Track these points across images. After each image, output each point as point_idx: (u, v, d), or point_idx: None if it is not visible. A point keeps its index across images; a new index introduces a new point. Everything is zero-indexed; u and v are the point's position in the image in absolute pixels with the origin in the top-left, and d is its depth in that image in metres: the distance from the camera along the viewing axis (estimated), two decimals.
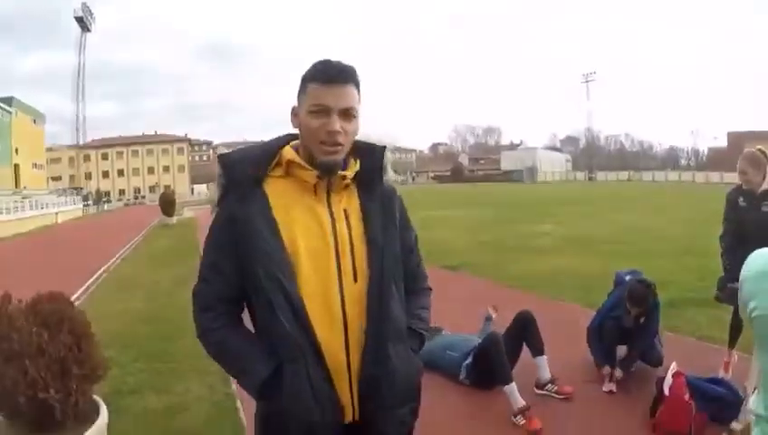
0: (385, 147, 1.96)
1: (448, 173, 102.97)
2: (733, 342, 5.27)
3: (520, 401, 4.55)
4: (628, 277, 5.54)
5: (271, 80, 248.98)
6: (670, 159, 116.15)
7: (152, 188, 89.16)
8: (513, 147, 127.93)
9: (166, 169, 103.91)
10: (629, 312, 5.11)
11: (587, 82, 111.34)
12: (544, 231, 17.41)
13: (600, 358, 5.30)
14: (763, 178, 4.56)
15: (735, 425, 4.19)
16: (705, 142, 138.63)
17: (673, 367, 4.60)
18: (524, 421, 4.44)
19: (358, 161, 1.90)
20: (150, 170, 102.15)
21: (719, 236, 5.01)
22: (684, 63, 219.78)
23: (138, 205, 70.12)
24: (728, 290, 4.53)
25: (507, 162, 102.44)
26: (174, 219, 31.19)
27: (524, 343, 5.18)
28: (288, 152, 1.84)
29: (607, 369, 5.17)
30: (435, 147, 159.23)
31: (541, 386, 5.03)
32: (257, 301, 1.79)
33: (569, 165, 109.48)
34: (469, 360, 5.21)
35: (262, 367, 1.78)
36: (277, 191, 1.81)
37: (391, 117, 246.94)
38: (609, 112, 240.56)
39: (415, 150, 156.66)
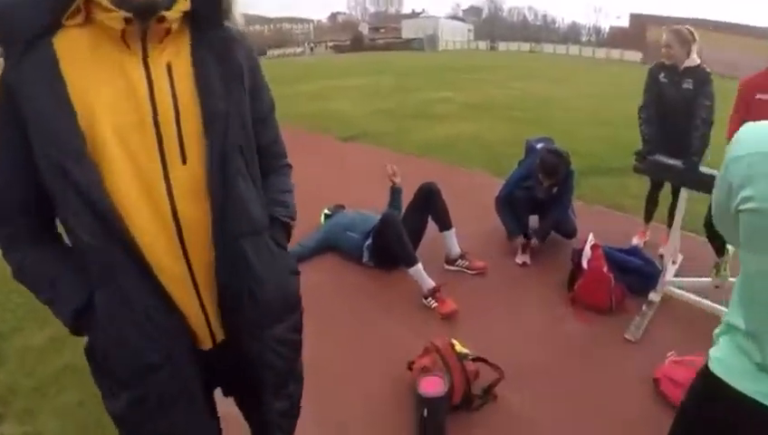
0: None
1: (348, 43, 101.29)
2: (649, 216, 5.36)
3: (429, 282, 4.15)
4: (539, 145, 5.20)
5: None
6: (572, 35, 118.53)
7: None
8: (414, 15, 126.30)
9: None
10: (542, 183, 4.81)
11: None
12: (445, 98, 16.76)
13: (513, 228, 5.01)
14: (687, 55, 4.58)
15: (654, 296, 4.20)
16: (608, 21, 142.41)
17: (591, 239, 4.46)
18: (436, 304, 4.06)
19: None
20: None
21: (638, 107, 4.92)
22: None
23: None
24: (648, 162, 4.43)
25: (408, 31, 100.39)
26: None
27: (430, 217, 4.75)
28: None
29: (520, 239, 4.89)
30: (333, 16, 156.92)
31: (451, 262, 4.70)
32: (56, 203, 1.27)
33: (471, 35, 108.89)
34: (369, 241, 4.73)
35: (71, 295, 1.33)
36: (72, 46, 1.22)
37: None
38: None
39: (312, 21, 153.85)
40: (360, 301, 4.33)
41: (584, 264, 4.20)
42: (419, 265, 4.20)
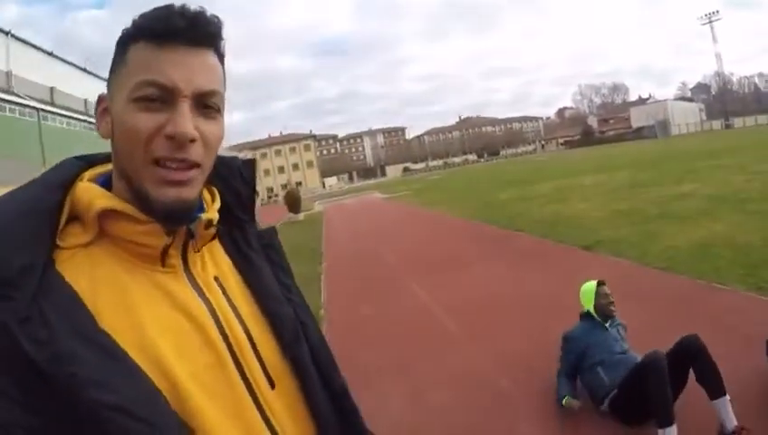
0: (254, 160, 1.15)
1: (577, 137, 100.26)
2: None
3: None
4: None
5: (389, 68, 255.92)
6: None
7: (284, 187, 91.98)
8: (641, 102, 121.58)
9: (295, 166, 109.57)
10: None
11: (710, 22, 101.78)
12: (687, 192, 15.18)
13: None
14: None
15: None
16: None
17: None
18: None
19: (215, 191, 1.04)
20: (281, 169, 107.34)
21: None
22: None
23: (272, 204, 72.56)
24: None
25: (637, 119, 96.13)
26: (301, 215, 31.07)
27: (696, 381, 3.80)
28: (95, 194, 0.89)
29: None
30: (561, 112, 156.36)
31: None
32: None
33: (702, 114, 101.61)
34: (616, 391, 3.98)
35: None
36: (90, 277, 0.84)
37: (515, 84, 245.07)
38: (739, 53, 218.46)
39: (541, 118, 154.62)
40: None
41: None
42: (675, 428, 3.42)
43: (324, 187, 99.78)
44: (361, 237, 18.59)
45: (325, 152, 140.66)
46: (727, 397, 3.65)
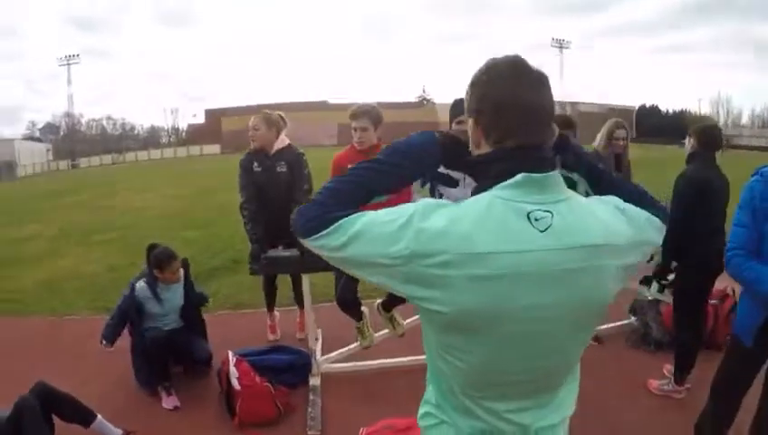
0: None
1: None
2: (271, 305, 5.51)
3: None
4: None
5: None
6: (152, 139, 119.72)
7: None
8: None
9: None
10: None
11: (68, 64, 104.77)
12: (32, 234, 14.99)
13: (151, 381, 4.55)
14: (276, 137, 4.68)
15: (314, 380, 4.33)
16: (185, 120, 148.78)
17: (231, 357, 4.25)
18: None
19: None
20: None
21: (239, 204, 4.84)
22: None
23: None
24: (265, 260, 4.42)
25: None
26: None
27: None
28: None
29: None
30: None
31: None
32: None
33: (50, 154, 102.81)
34: None
35: None
36: None
37: None
38: (90, 96, 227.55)
39: None
40: None
41: (235, 384, 3.96)
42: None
43: None
44: None
45: None
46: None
